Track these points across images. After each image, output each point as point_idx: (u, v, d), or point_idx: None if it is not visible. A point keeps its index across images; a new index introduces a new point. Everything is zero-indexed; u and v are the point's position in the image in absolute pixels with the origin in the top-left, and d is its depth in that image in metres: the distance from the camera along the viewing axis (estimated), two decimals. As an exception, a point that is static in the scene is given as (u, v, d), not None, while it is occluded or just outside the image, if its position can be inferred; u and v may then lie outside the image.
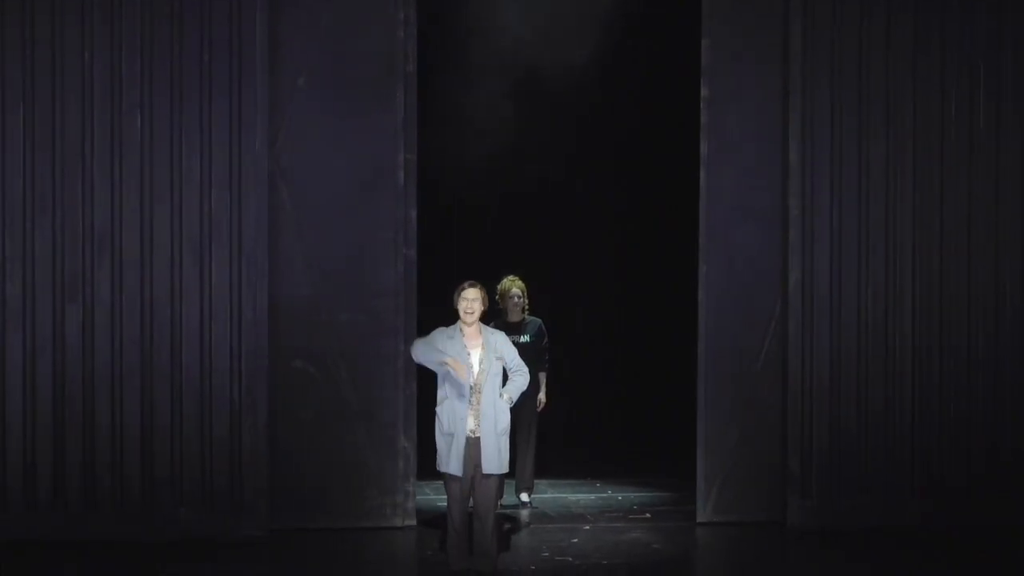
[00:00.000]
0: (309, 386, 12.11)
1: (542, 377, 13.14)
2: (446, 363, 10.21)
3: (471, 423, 10.29)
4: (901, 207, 12.45)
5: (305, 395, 12.11)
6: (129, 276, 11.81)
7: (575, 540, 11.89)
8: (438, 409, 10.38)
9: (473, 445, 10.31)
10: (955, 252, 12.49)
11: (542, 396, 13.25)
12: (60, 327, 11.75)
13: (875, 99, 12.41)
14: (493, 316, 12.58)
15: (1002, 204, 12.52)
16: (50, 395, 11.74)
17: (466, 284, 10.47)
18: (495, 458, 10.30)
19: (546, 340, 13.31)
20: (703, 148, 12.43)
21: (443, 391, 10.36)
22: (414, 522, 12.24)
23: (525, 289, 13.35)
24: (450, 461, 10.30)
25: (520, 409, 11.62)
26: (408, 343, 11.77)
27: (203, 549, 11.48)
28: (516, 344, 10.97)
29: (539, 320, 13.35)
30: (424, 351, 10.37)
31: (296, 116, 12.12)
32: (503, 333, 10.61)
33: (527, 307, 13.36)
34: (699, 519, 12.41)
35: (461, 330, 10.43)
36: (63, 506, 11.76)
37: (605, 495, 13.75)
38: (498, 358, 10.39)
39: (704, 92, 12.43)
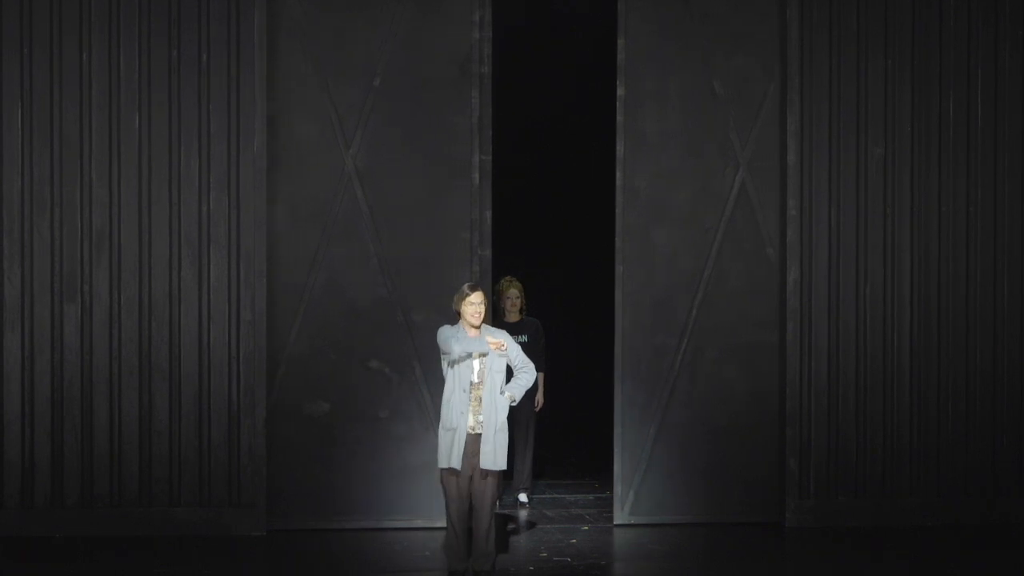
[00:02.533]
0: (385, 386, 12.13)
1: (540, 377, 13.15)
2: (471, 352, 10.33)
3: (471, 419, 10.33)
4: (899, 207, 12.45)
5: (381, 395, 12.13)
6: (127, 276, 11.82)
7: (573, 540, 11.89)
8: (443, 405, 10.42)
9: (473, 441, 10.34)
10: (954, 252, 12.50)
11: (539, 396, 13.27)
12: (58, 327, 11.76)
13: (873, 99, 12.42)
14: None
15: (1000, 204, 12.52)
16: (48, 395, 11.76)
17: (467, 288, 10.49)
18: (492, 454, 10.34)
19: (543, 340, 13.32)
20: (619, 148, 12.41)
21: (448, 387, 10.39)
22: (616, 521, 12.37)
23: (523, 289, 13.37)
24: (451, 456, 10.34)
25: (518, 409, 11.63)
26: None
27: (210, 546, 11.50)
28: (514, 344, 11.00)
29: (537, 321, 13.36)
30: (446, 338, 10.43)
31: (372, 117, 12.16)
32: (505, 332, 10.63)
33: (524, 307, 13.39)
34: (616, 521, 12.39)
35: (464, 330, 10.46)
36: (61, 505, 11.77)
37: (603, 495, 13.73)
38: (501, 355, 10.42)
39: (620, 92, 12.42)
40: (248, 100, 11.91)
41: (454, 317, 10.53)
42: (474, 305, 10.45)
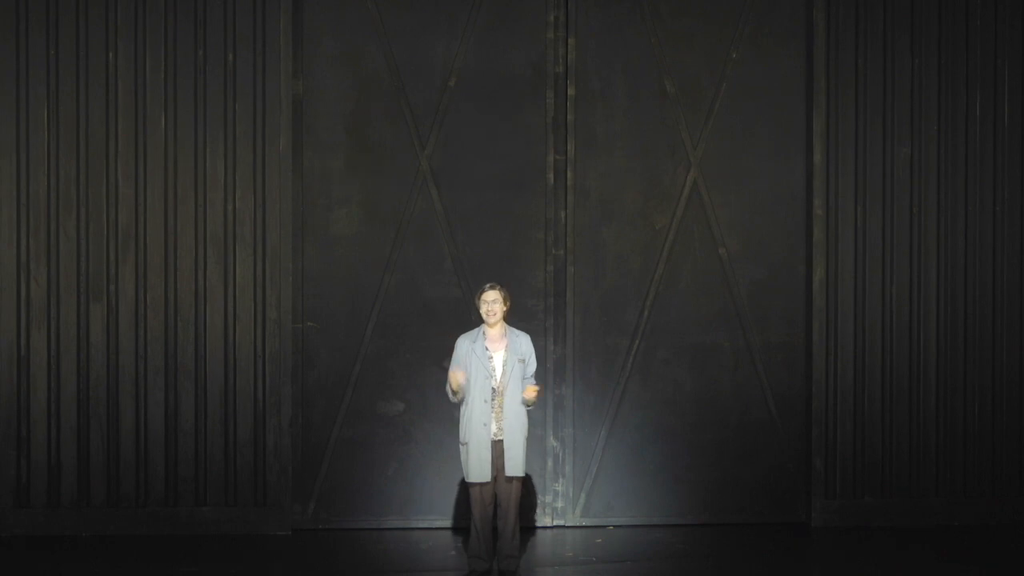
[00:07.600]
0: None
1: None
2: (454, 379, 10.35)
3: (494, 426, 10.32)
4: (926, 206, 12.42)
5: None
6: (153, 276, 11.85)
7: (599, 540, 11.89)
8: (461, 417, 10.42)
9: (496, 447, 10.32)
10: (980, 252, 12.46)
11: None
12: (84, 327, 11.79)
13: (899, 98, 12.38)
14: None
15: (1027, 203, 12.52)
16: (74, 394, 11.79)
17: (486, 286, 10.51)
18: (516, 460, 10.33)
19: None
20: (569, 147, 12.40)
21: (466, 397, 10.38)
22: (563, 522, 12.32)
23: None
24: (467, 470, 10.35)
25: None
26: (557, 343, 11.96)
27: (236, 545, 11.52)
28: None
29: None
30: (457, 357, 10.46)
31: (447, 117, 12.20)
32: (528, 336, 10.62)
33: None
34: (568, 523, 12.33)
35: (484, 333, 10.46)
36: (87, 504, 11.81)
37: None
38: (520, 360, 10.40)
39: (570, 91, 12.39)
40: (274, 99, 11.92)
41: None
42: (487, 304, 10.45)
